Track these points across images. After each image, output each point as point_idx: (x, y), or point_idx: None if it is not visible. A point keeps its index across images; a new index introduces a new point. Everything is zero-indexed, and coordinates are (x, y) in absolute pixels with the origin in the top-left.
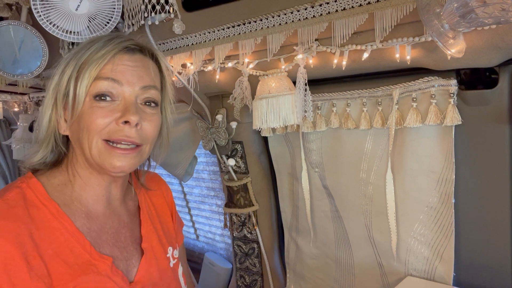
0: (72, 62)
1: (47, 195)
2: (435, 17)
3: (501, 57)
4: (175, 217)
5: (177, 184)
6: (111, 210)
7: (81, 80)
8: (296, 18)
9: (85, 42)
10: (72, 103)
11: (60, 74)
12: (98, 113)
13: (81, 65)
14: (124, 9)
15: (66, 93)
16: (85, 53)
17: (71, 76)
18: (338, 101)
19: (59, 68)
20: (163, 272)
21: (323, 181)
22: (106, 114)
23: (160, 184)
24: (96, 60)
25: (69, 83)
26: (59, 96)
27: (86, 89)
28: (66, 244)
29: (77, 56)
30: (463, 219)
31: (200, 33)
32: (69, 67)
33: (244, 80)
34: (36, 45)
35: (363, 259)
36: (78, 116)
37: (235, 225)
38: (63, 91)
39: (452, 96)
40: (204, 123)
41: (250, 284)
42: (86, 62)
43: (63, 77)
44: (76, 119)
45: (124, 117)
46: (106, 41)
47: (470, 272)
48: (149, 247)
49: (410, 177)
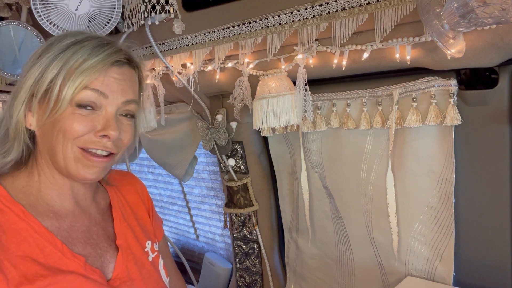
0: (57, 62)
1: (10, 198)
2: (435, 17)
3: (501, 57)
4: (152, 214)
5: (177, 184)
6: (80, 208)
7: (68, 86)
8: (296, 18)
9: (68, 40)
10: (53, 105)
11: (42, 72)
12: (79, 121)
13: (68, 69)
14: (124, 9)
15: (46, 93)
16: (73, 56)
17: (56, 77)
18: (338, 101)
19: (39, 63)
20: (142, 266)
21: (323, 181)
22: (86, 123)
23: (134, 182)
24: (87, 70)
25: (53, 84)
26: (37, 93)
27: (71, 95)
28: (36, 244)
29: (62, 57)
30: (463, 219)
31: (200, 33)
32: (54, 67)
33: (244, 80)
34: (36, 45)
35: (363, 259)
36: (55, 118)
37: (235, 225)
38: (42, 90)
39: (452, 96)
40: (204, 123)
41: (250, 284)
42: (75, 68)
43: (46, 75)
44: (52, 120)
45: (104, 131)
46: (95, 48)
47: (470, 272)
48: (124, 244)
49: (410, 177)
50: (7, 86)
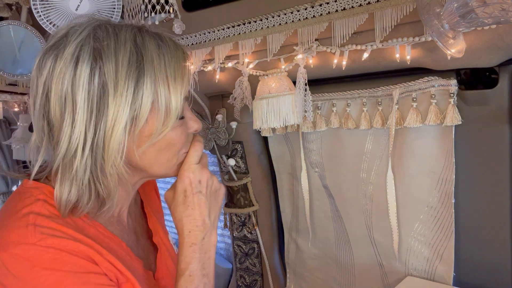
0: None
1: None
2: (435, 17)
3: (501, 57)
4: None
5: None
6: (128, 209)
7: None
8: (296, 18)
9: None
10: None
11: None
12: (182, 132)
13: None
14: (124, 9)
15: None
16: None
17: (160, 94)
18: (338, 101)
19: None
20: (175, 261)
21: (323, 181)
22: (186, 132)
23: None
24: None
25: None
26: (140, 117)
27: None
28: (109, 248)
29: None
30: (463, 219)
31: (200, 33)
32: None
33: (244, 80)
34: (36, 45)
35: (363, 259)
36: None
37: (235, 225)
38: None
39: (452, 96)
40: (204, 123)
41: (250, 284)
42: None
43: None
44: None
45: (195, 126)
46: (172, 49)
47: (470, 272)
48: (159, 240)
49: (410, 177)
50: (7, 86)
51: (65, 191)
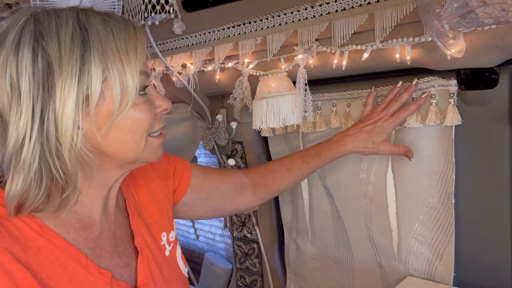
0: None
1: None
2: (435, 17)
3: (501, 57)
4: (175, 170)
5: None
6: (106, 211)
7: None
8: (296, 18)
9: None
10: (119, 102)
11: (82, 67)
12: (146, 109)
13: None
14: (124, 9)
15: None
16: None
17: (117, 72)
18: (338, 101)
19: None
20: (161, 265)
21: (323, 181)
22: (151, 109)
23: None
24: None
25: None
26: (93, 96)
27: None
28: (58, 263)
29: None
30: (463, 219)
31: (200, 33)
32: (95, 59)
33: (244, 80)
34: None
35: (363, 259)
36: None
37: (235, 225)
38: (99, 90)
39: (452, 96)
40: (204, 123)
41: (250, 284)
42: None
43: (93, 72)
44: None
45: (164, 105)
46: (121, 25)
47: (470, 272)
48: (142, 243)
49: (410, 177)
50: None
51: (14, 184)
